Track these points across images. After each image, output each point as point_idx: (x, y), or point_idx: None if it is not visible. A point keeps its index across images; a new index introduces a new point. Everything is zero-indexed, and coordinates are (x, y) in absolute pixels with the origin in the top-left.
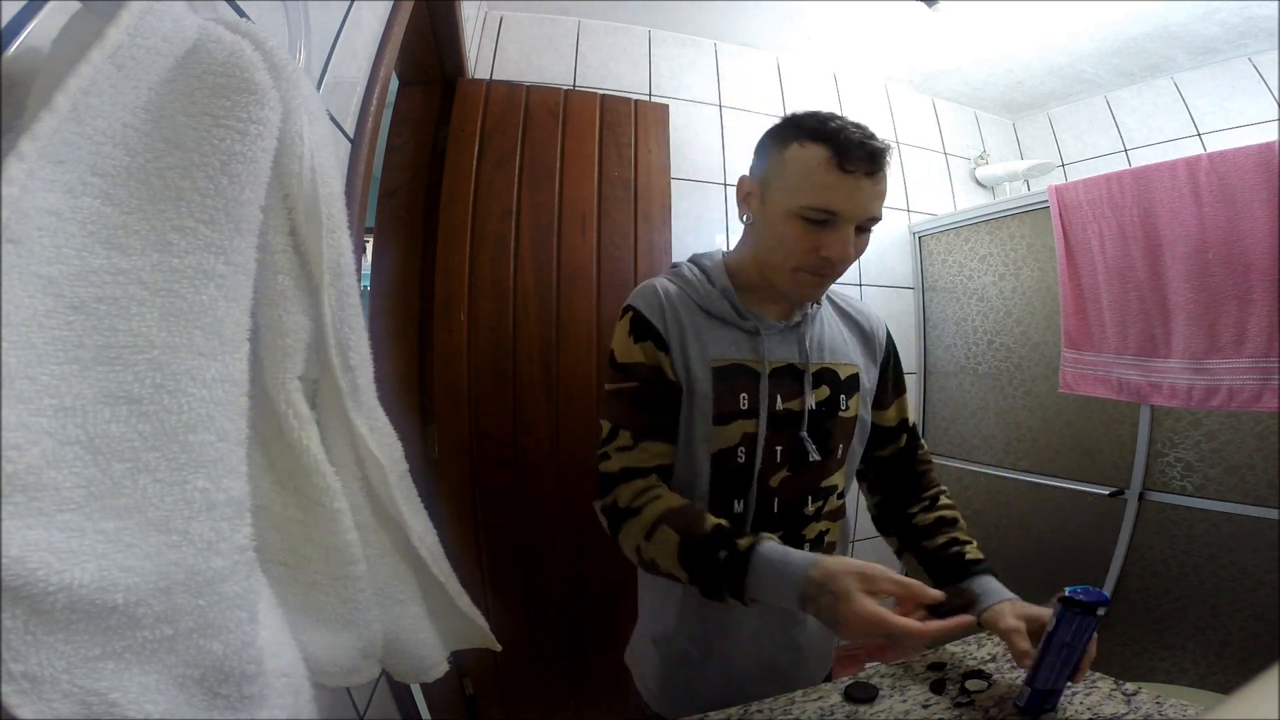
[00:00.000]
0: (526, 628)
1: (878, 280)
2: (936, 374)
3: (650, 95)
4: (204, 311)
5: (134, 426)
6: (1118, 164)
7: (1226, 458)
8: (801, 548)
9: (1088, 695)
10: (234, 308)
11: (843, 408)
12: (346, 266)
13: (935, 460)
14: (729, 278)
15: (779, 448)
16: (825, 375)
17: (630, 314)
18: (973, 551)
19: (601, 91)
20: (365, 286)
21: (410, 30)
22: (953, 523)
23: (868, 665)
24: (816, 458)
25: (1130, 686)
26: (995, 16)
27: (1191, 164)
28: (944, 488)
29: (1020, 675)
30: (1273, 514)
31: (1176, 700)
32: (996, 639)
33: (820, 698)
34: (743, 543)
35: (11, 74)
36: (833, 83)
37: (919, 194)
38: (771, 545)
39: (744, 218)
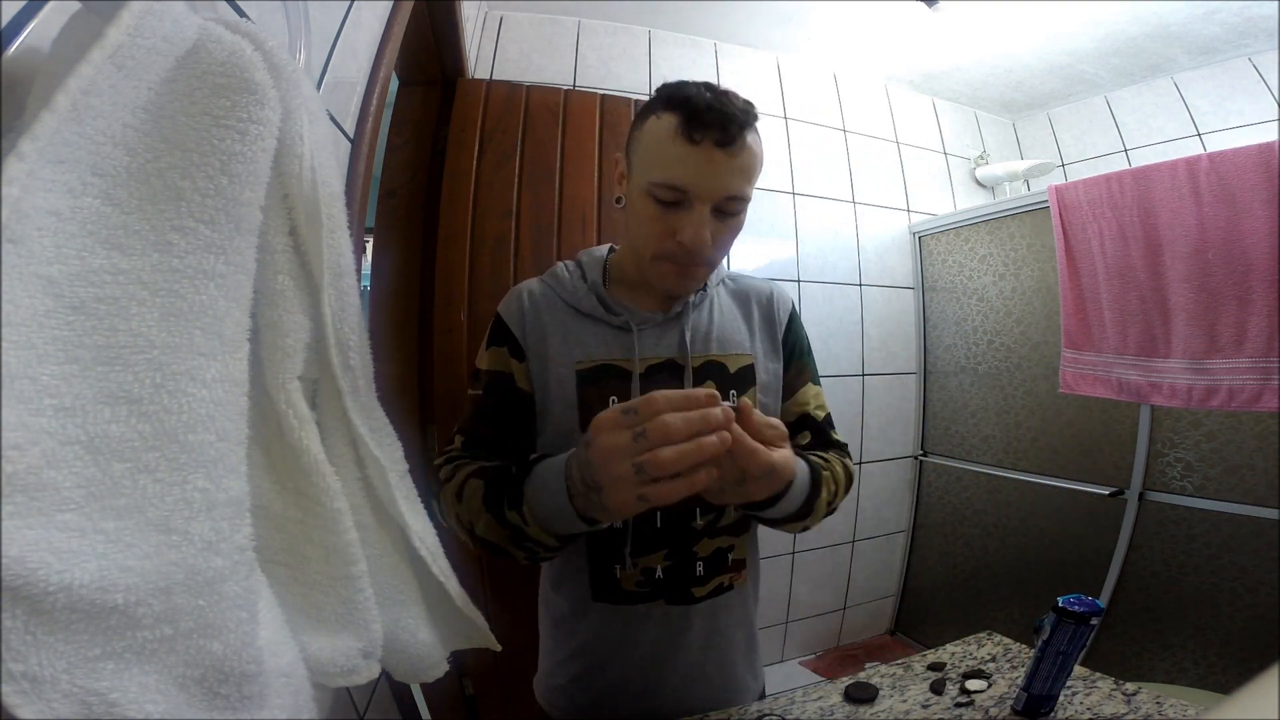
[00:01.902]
0: (526, 628)
1: (878, 280)
2: (936, 374)
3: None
4: (204, 311)
5: (134, 426)
6: (1118, 164)
7: (1226, 458)
8: (694, 567)
9: (1088, 695)
10: (234, 308)
11: (733, 405)
12: (346, 266)
13: (935, 460)
14: (605, 271)
15: None
16: (710, 369)
17: (494, 318)
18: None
19: (601, 91)
20: (365, 286)
21: (410, 30)
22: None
23: (868, 665)
24: None
25: (1130, 686)
26: (995, 16)
27: (1191, 164)
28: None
29: (1020, 675)
30: (1273, 514)
31: (1176, 700)
32: (997, 639)
33: (820, 698)
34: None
35: (11, 74)
36: (833, 83)
37: (919, 194)
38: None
39: (618, 201)
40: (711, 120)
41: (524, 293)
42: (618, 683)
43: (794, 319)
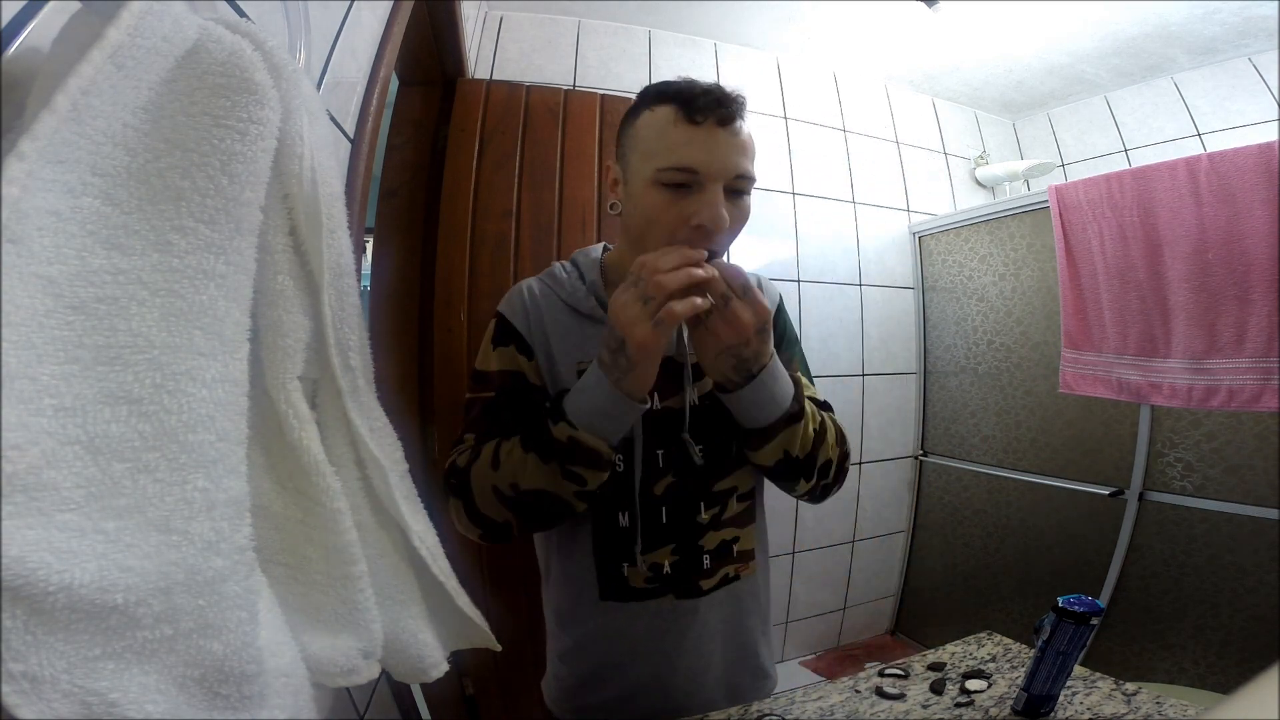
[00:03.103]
0: (526, 628)
1: (878, 280)
2: (936, 374)
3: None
4: (204, 311)
5: (134, 426)
6: (1118, 164)
7: (1226, 458)
8: (701, 561)
9: (1088, 695)
10: (234, 308)
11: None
12: (346, 266)
13: (935, 460)
14: (603, 272)
15: (660, 451)
16: None
17: (495, 319)
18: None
19: (601, 91)
20: (365, 286)
21: (410, 30)
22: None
23: (868, 665)
24: (700, 461)
25: (1130, 686)
26: (995, 16)
27: (1191, 164)
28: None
29: (1020, 675)
30: (1273, 514)
31: (1176, 700)
32: (997, 639)
33: (820, 698)
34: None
35: (11, 74)
36: (833, 83)
37: (919, 194)
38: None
39: (613, 207)
40: (709, 103)
41: (524, 291)
42: (630, 679)
43: (780, 310)
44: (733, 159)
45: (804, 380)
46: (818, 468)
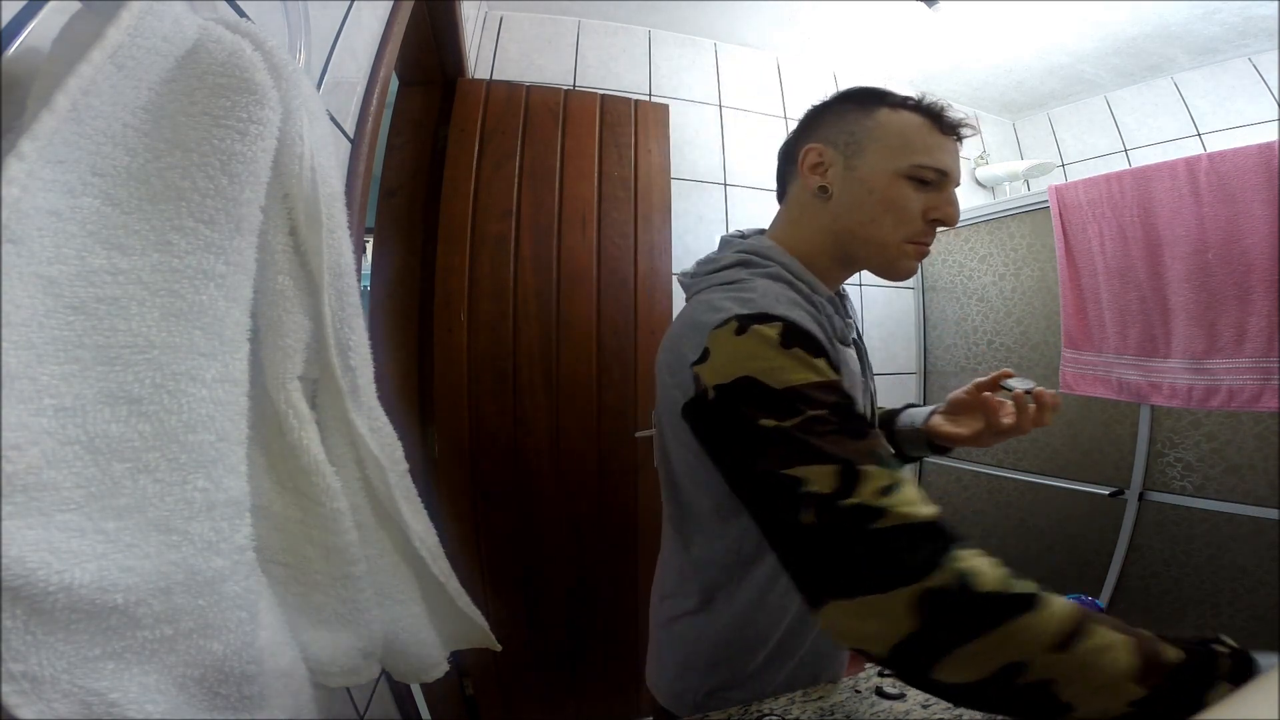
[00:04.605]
0: (526, 628)
1: (878, 280)
2: (936, 374)
3: (650, 95)
4: (204, 311)
5: (134, 426)
6: (1118, 164)
7: (1226, 458)
8: None
9: None
10: (234, 308)
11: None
12: (346, 266)
13: (935, 460)
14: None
15: None
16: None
17: (778, 325)
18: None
19: (601, 91)
20: (365, 286)
21: (410, 30)
22: None
23: (868, 665)
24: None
25: None
26: (995, 17)
27: (1191, 164)
28: None
29: None
30: (1273, 514)
31: None
32: None
33: (820, 698)
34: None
35: (11, 74)
36: (833, 83)
37: None
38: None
39: (823, 190)
40: (956, 121)
41: (784, 296)
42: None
43: None
44: (961, 172)
45: None
46: None
